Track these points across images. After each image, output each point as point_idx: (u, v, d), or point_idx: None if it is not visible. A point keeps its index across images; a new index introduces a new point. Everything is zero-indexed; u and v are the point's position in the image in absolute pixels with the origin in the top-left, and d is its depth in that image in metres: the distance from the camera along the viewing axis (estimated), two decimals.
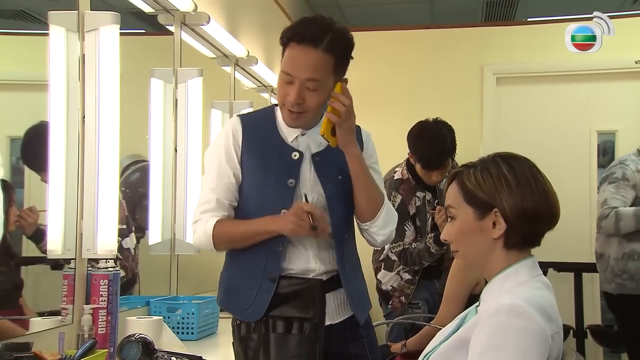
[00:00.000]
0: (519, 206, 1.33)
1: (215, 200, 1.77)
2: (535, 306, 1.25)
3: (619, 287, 3.06)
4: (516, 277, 1.34)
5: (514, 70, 4.40)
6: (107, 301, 1.88)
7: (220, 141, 1.82)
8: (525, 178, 1.35)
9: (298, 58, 1.71)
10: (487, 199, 1.35)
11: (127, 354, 1.74)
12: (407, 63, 4.37)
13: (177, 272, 2.66)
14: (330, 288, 1.80)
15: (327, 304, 1.79)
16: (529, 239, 1.36)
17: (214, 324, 2.46)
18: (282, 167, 1.77)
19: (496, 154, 1.40)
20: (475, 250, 1.39)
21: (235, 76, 3.39)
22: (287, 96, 1.72)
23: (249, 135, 1.80)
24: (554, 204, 1.36)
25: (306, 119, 1.77)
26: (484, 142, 4.29)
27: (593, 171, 4.23)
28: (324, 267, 1.79)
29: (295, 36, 1.71)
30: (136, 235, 2.55)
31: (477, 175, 1.36)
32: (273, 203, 1.76)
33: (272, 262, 1.75)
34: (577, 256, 3.68)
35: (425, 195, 3.01)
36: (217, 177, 1.79)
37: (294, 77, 1.71)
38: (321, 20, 1.76)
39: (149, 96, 2.53)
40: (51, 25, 1.88)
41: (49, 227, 1.87)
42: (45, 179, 1.89)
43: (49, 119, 1.87)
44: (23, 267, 1.97)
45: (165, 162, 2.58)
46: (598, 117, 4.30)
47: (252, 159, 1.79)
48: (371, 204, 1.82)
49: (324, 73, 1.72)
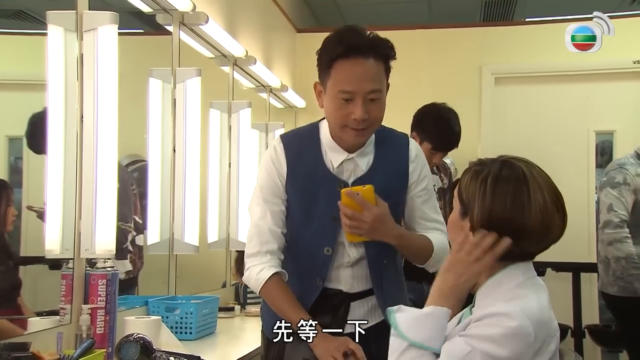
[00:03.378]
0: (485, 216, 1.29)
1: (268, 231, 1.76)
2: (531, 316, 1.24)
3: (621, 289, 3.07)
4: (511, 279, 1.33)
5: (512, 70, 4.41)
6: (106, 301, 1.88)
7: (264, 172, 1.80)
8: (503, 189, 1.29)
9: (355, 72, 1.65)
10: (466, 202, 1.34)
11: (125, 353, 1.74)
12: (405, 63, 4.33)
13: (176, 272, 2.66)
14: (359, 297, 1.82)
15: (352, 311, 1.80)
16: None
17: (212, 324, 2.46)
18: (326, 200, 1.75)
19: (501, 156, 1.37)
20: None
21: (233, 76, 3.39)
22: (351, 115, 1.67)
23: (293, 162, 1.77)
24: (532, 223, 1.27)
25: (370, 132, 1.75)
26: (483, 141, 4.30)
27: (591, 171, 4.24)
28: (357, 288, 1.81)
29: (341, 52, 1.66)
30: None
31: (470, 175, 1.36)
32: (314, 237, 1.78)
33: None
34: (575, 256, 3.68)
35: None
36: (266, 206, 1.78)
37: (355, 92, 1.66)
38: (356, 30, 1.71)
39: (147, 96, 2.53)
40: (49, 25, 1.88)
41: (47, 227, 1.87)
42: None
43: (47, 118, 1.87)
44: (21, 267, 1.97)
45: (164, 162, 2.58)
46: (596, 117, 4.30)
47: (297, 191, 1.78)
48: (420, 259, 1.83)
49: (382, 81, 1.70)
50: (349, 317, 1.79)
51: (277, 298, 1.73)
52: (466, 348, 1.23)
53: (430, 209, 1.86)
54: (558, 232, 1.33)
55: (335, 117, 1.71)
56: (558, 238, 1.34)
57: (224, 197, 3.11)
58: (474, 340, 1.24)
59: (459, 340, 1.26)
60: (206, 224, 2.95)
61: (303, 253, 1.81)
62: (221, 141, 3.14)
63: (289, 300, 1.72)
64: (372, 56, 1.67)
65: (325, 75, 1.70)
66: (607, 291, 3.16)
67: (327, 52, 1.69)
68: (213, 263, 3.04)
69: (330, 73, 1.68)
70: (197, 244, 2.67)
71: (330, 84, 1.69)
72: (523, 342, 1.22)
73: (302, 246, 1.80)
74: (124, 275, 2.39)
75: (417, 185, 1.83)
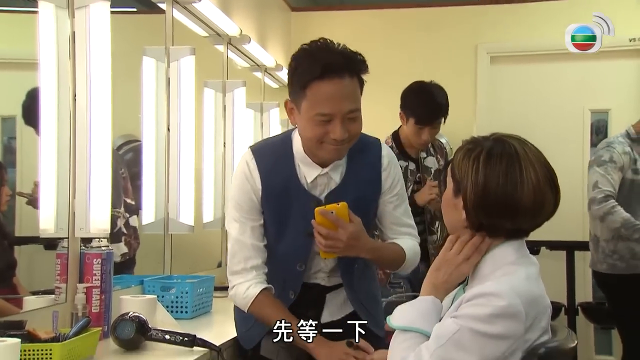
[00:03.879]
0: (478, 194, 1.29)
1: (250, 246, 1.77)
2: (520, 294, 1.25)
3: (610, 267, 3.11)
4: (502, 257, 1.33)
5: (507, 49, 4.39)
6: (101, 280, 1.88)
7: (238, 189, 1.79)
8: (496, 166, 1.29)
9: (332, 93, 1.61)
10: (459, 179, 1.34)
11: (121, 332, 1.74)
12: (400, 42, 4.35)
13: (171, 251, 2.66)
14: (334, 289, 1.88)
15: (328, 302, 1.86)
16: (490, 230, 1.33)
17: (208, 303, 2.47)
18: (300, 217, 1.75)
19: (494, 134, 1.37)
20: (452, 224, 1.40)
21: (228, 55, 3.37)
22: (329, 134, 1.64)
23: (266, 178, 1.76)
24: (525, 200, 1.28)
25: (349, 147, 1.73)
26: (478, 120, 4.29)
27: (586, 150, 4.24)
28: (333, 283, 1.87)
29: (317, 73, 1.60)
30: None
31: (463, 153, 1.36)
32: (287, 252, 1.80)
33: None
34: (569, 235, 3.70)
35: (408, 166, 3.00)
36: (245, 222, 1.78)
37: (333, 114, 1.63)
38: (327, 46, 1.66)
39: (141, 75, 2.51)
40: (40, 2, 1.86)
41: (41, 207, 1.86)
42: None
43: (40, 98, 1.86)
44: (16, 247, 1.97)
45: (158, 142, 2.57)
46: (591, 96, 4.30)
47: (270, 207, 1.78)
48: (393, 268, 1.94)
49: (358, 98, 1.67)
50: (325, 307, 1.86)
51: (270, 313, 1.73)
52: (454, 327, 1.25)
53: (403, 214, 1.88)
54: (551, 209, 1.33)
55: (312, 136, 1.67)
56: (551, 215, 1.35)
57: (219, 177, 3.11)
58: (463, 319, 1.25)
59: (449, 320, 1.28)
60: (201, 204, 2.95)
61: (275, 268, 1.81)
62: (216, 121, 3.12)
63: (284, 313, 1.73)
64: (347, 74, 1.63)
65: (300, 96, 1.65)
66: (597, 269, 3.20)
67: (300, 73, 1.64)
68: (208, 243, 3.04)
69: (306, 94, 1.63)
70: (193, 223, 2.67)
71: (306, 106, 1.64)
72: (513, 320, 1.23)
73: (275, 262, 1.81)
74: (120, 257, 2.40)
75: (390, 191, 1.84)
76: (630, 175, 3.11)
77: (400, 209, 1.87)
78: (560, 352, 1.30)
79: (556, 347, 1.29)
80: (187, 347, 1.76)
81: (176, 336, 1.77)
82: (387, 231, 1.89)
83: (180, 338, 1.77)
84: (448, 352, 1.24)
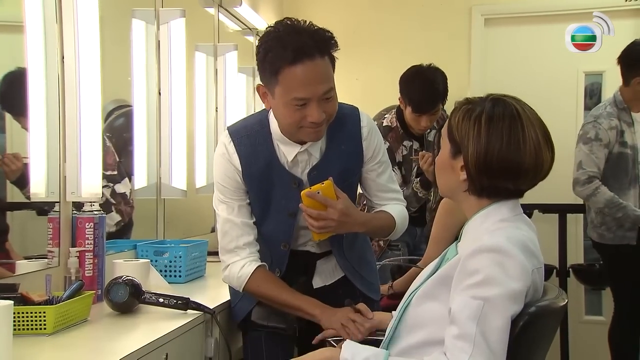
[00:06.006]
0: (481, 156, 1.29)
1: (241, 224, 1.77)
2: (515, 243, 1.25)
3: (599, 237, 3.23)
4: (497, 214, 1.33)
5: (502, 11, 4.34)
6: (94, 244, 1.88)
7: (221, 171, 1.79)
8: (499, 127, 1.29)
9: (305, 77, 1.59)
10: (459, 141, 1.33)
11: (114, 295, 1.75)
12: (393, 5, 4.29)
13: (164, 216, 2.66)
14: (324, 256, 1.90)
15: (319, 268, 1.89)
16: (491, 191, 1.33)
17: (201, 267, 2.48)
18: (282, 197, 1.76)
19: (490, 95, 1.36)
20: (447, 186, 1.40)
21: (219, 18, 3.32)
22: (307, 117, 1.63)
23: (246, 161, 1.75)
24: (527, 160, 1.29)
25: (327, 126, 1.71)
26: (472, 84, 4.27)
27: (579, 113, 4.22)
28: (323, 250, 1.89)
29: (288, 58, 1.58)
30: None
31: (461, 114, 1.35)
32: (271, 233, 1.81)
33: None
34: (561, 198, 3.71)
35: (412, 145, 3.00)
36: (232, 202, 1.79)
37: (309, 98, 1.61)
38: (294, 27, 1.63)
39: (130, 38, 2.48)
40: None
41: (32, 171, 1.85)
42: (26, 126, 1.85)
43: (27, 61, 1.83)
44: (9, 213, 1.95)
45: (149, 106, 2.54)
46: (586, 58, 4.25)
47: (252, 188, 1.78)
48: (383, 235, 1.93)
49: (331, 77, 1.66)
50: (315, 273, 1.88)
51: (270, 289, 1.76)
52: (478, 303, 1.20)
53: (387, 181, 1.88)
54: (548, 168, 1.34)
55: (291, 122, 1.66)
56: (547, 174, 1.35)
57: (211, 142, 3.09)
58: (479, 290, 1.21)
59: (464, 300, 1.22)
60: (194, 169, 2.94)
61: (262, 247, 1.83)
62: (207, 85, 3.09)
63: (290, 293, 1.76)
64: (318, 55, 1.61)
65: (272, 82, 1.63)
66: (590, 236, 3.33)
67: (271, 59, 1.61)
68: (201, 208, 3.03)
69: (278, 80, 1.61)
70: (185, 188, 2.66)
71: (280, 91, 1.63)
72: (520, 268, 1.23)
73: (261, 241, 1.83)
74: (115, 226, 2.39)
75: (373, 159, 1.84)
76: (617, 149, 3.17)
77: (384, 176, 1.87)
78: (550, 310, 1.31)
79: (547, 305, 1.30)
80: (181, 310, 1.77)
81: (170, 299, 1.78)
82: (373, 198, 1.90)
83: (174, 301, 1.78)
84: (484, 324, 1.20)
